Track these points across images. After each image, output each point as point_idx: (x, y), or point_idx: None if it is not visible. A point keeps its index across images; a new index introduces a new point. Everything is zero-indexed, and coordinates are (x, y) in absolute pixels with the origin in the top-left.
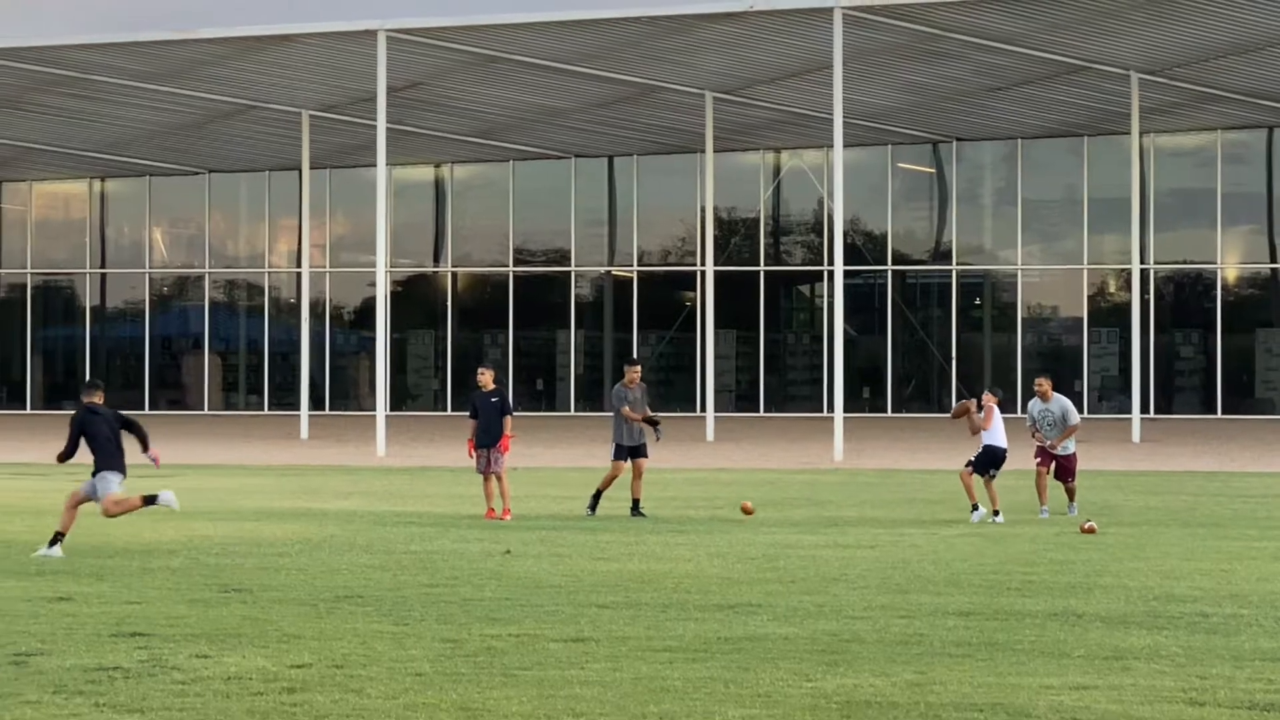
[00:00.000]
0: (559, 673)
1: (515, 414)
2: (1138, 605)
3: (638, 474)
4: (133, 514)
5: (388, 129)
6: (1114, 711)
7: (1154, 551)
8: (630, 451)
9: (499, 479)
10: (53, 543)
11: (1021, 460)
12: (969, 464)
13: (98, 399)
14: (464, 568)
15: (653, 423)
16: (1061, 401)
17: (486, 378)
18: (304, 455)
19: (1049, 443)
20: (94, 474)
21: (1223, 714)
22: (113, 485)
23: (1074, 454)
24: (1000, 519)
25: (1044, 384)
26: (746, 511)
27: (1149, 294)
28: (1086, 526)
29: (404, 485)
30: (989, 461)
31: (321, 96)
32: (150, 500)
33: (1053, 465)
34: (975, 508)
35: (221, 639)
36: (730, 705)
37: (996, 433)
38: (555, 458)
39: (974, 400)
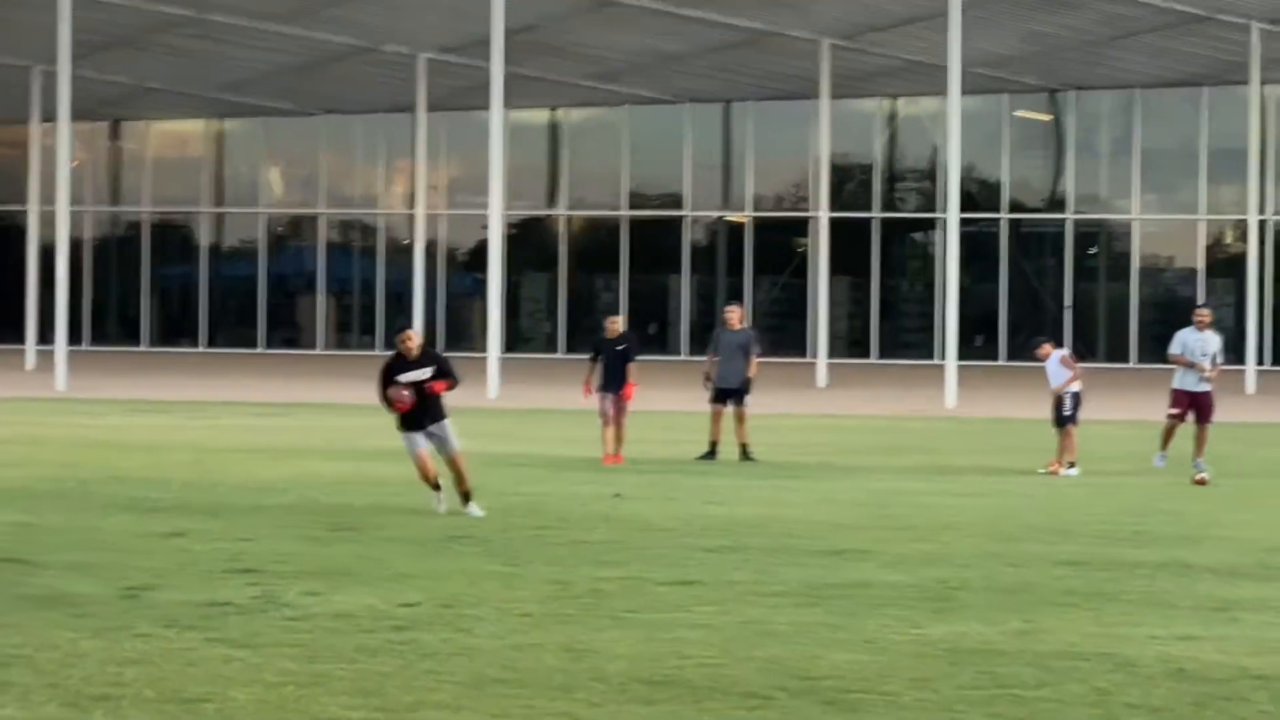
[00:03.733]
0: (666, 615)
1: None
2: (1248, 557)
3: (739, 419)
4: (245, 451)
5: (504, 73)
6: (1221, 662)
7: (1267, 503)
8: (725, 395)
9: (619, 425)
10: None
11: (1137, 407)
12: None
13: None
14: (573, 510)
15: (740, 393)
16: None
17: (615, 325)
18: None
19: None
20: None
21: None
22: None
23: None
24: (1074, 471)
25: (1204, 314)
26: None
27: (1267, 245)
28: (1199, 478)
29: (514, 427)
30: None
31: (438, 39)
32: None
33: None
34: (1072, 465)
35: (332, 576)
36: (836, 650)
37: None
38: (667, 401)
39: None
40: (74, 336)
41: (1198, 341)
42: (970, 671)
